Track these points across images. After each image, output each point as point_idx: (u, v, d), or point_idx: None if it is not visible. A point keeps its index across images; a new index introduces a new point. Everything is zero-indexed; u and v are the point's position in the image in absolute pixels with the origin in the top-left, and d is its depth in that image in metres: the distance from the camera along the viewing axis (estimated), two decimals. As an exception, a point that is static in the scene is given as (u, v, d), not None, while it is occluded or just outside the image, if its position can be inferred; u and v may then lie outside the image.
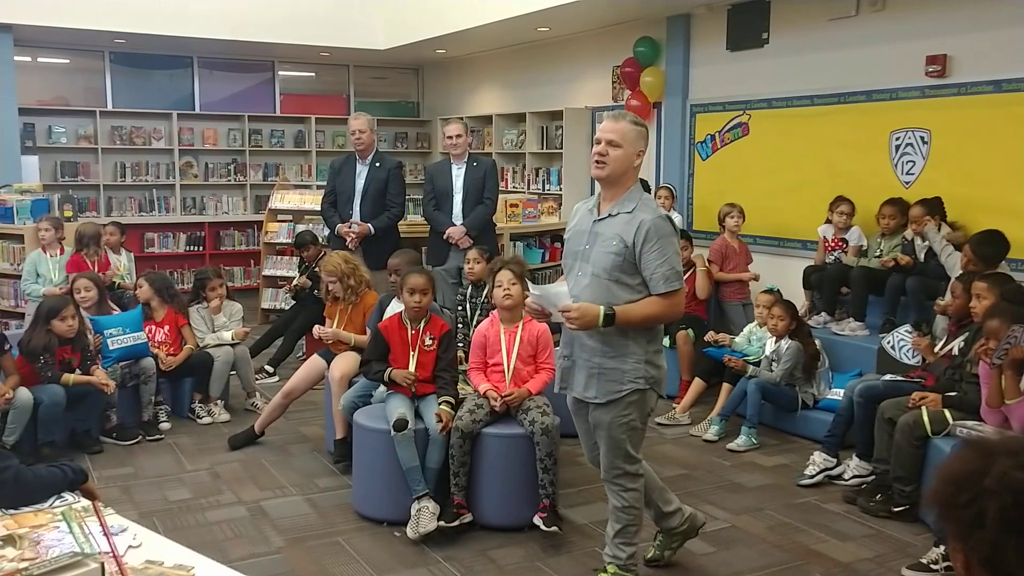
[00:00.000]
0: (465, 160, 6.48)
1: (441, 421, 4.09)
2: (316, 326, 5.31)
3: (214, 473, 4.89)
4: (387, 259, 5.46)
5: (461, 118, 9.27)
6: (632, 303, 3.19)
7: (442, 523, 3.97)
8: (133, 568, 2.18)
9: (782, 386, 5.44)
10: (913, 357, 5.18)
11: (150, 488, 4.67)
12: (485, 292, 5.40)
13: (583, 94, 9.25)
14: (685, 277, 3.70)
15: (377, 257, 6.16)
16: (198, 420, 5.77)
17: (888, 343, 5.44)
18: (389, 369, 4.28)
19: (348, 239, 6.32)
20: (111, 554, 2.20)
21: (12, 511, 2.50)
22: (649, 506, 3.62)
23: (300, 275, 7.35)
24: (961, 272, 4.90)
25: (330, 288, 5.30)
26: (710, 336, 6.02)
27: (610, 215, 3.25)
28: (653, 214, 3.20)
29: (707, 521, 3.89)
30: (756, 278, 6.62)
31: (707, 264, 6.46)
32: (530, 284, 3.54)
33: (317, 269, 6.97)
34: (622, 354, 3.24)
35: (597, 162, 3.23)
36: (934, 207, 5.63)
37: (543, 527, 3.94)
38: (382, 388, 4.48)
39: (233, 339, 6.02)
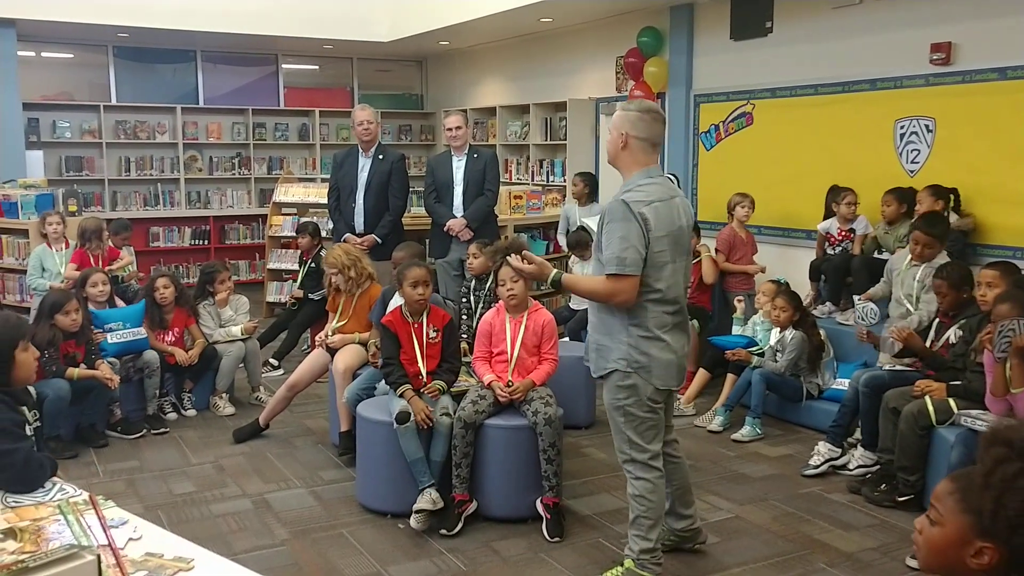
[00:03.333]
0: (466, 152, 6.46)
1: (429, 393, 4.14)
2: (318, 336, 5.35)
3: (219, 466, 4.90)
4: (391, 251, 5.46)
5: (461, 110, 9.26)
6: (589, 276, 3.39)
7: (444, 531, 3.96)
8: (132, 560, 2.17)
9: (787, 376, 5.42)
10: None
11: (155, 481, 4.68)
12: (488, 284, 5.40)
13: (587, 85, 9.22)
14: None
15: (381, 249, 6.17)
16: (183, 412, 5.77)
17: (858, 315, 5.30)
18: (406, 387, 4.18)
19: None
20: (109, 546, 2.20)
21: (14, 504, 2.50)
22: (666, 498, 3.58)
23: (299, 268, 7.35)
24: (940, 266, 4.79)
25: (332, 280, 5.31)
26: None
27: None
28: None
29: (708, 539, 3.87)
30: (763, 270, 6.59)
31: (712, 253, 6.44)
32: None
33: (314, 265, 6.97)
34: (609, 332, 3.33)
35: None
36: (943, 194, 5.60)
37: (547, 535, 3.94)
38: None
39: (243, 334, 6.03)
